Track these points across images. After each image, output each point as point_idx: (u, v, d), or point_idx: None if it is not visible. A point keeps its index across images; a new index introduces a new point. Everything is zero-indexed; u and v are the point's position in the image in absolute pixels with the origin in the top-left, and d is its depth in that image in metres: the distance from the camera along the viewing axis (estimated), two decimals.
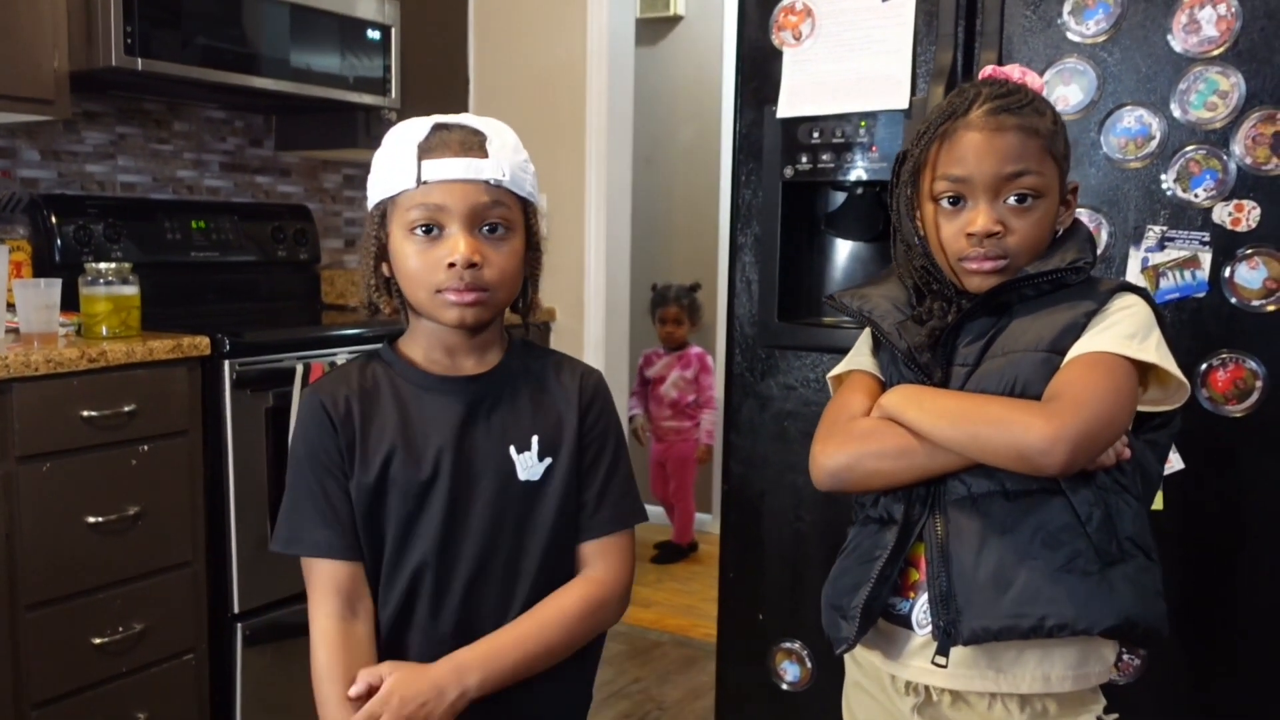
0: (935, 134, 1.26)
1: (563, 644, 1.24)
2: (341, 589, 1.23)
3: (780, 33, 2.04)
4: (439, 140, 1.19)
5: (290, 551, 1.24)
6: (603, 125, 3.24)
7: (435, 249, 1.18)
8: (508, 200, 1.21)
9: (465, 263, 1.16)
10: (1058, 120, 1.27)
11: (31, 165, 2.63)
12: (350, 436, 1.23)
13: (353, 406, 1.23)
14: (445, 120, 1.21)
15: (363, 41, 2.86)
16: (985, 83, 1.28)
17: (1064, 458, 1.13)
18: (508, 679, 1.20)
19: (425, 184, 1.17)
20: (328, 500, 1.22)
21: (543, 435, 1.25)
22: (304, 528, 1.23)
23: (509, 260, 1.21)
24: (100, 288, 2.24)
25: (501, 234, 1.20)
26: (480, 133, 1.21)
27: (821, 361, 2.03)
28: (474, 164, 1.18)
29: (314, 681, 1.21)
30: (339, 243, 3.40)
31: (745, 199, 2.11)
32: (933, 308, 1.30)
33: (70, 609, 2.10)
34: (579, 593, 1.26)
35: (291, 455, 1.27)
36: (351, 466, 1.22)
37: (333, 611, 1.22)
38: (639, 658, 3.21)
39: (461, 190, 1.17)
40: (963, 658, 1.24)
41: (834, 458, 1.27)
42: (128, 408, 2.15)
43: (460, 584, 1.23)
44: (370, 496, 1.22)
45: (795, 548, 2.08)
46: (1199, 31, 1.67)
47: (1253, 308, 1.66)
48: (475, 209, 1.18)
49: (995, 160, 1.22)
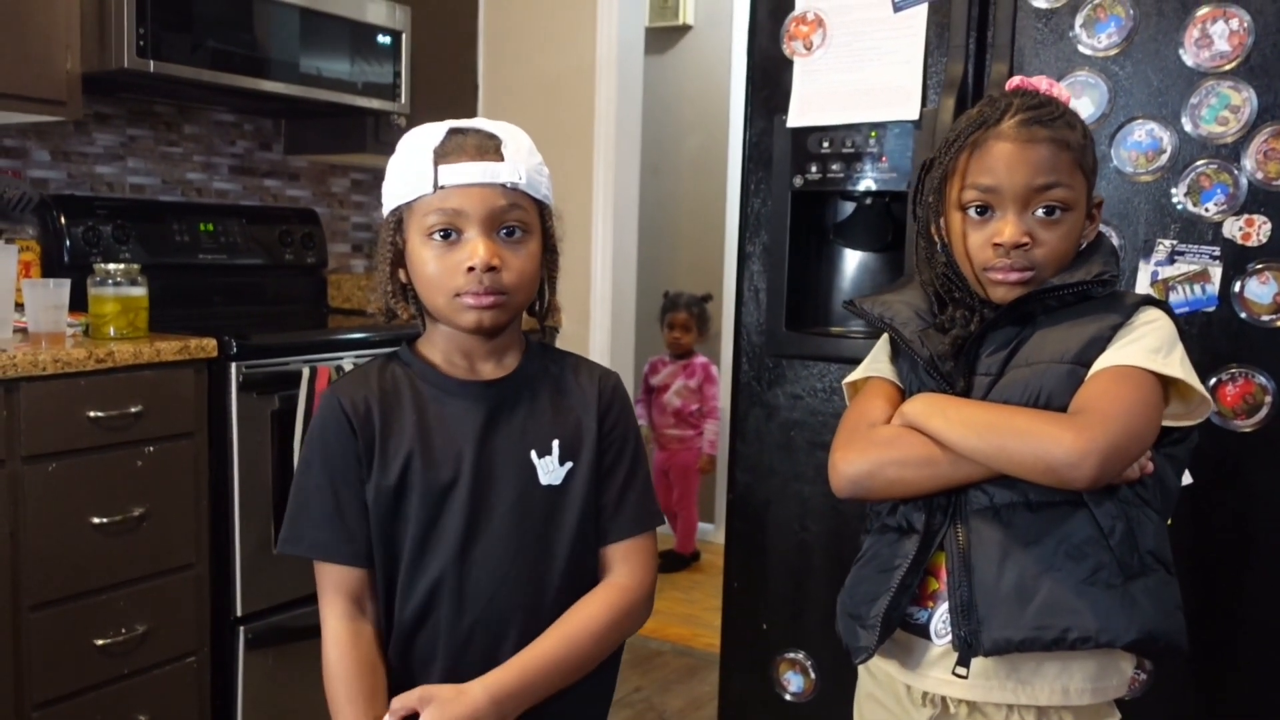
0: (966, 142, 1.25)
1: (594, 656, 1.24)
2: (348, 592, 1.23)
3: (791, 42, 2.04)
4: (455, 145, 1.19)
5: (290, 552, 1.24)
6: (611, 133, 3.24)
7: (454, 253, 1.18)
8: (524, 203, 1.21)
9: (484, 266, 1.16)
10: (1088, 134, 1.27)
11: (42, 166, 2.63)
12: (370, 439, 1.22)
13: (373, 408, 1.23)
14: (460, 125, 1.22)
15: (373, 46, 2.87)
16: (1017, 93, 1.27)
17: (1093, 471, 1.13)
18: (541, 698, 1.20)
19: (442, 189, 1.17)
20: (336, 503, 1.22)
21: (563, 439, 1.25)
22: (307, 529, 1.23)
23: (527, 263, 1.21)
24: (109, 288, 2.25)
25: (519, 237, 1.20)
26: (496, 136, 1.21)
27: (829, 371, 2.03)
28: (490, 168, 1.18)
29: (325, 679, 1.22)
30: (346, 247, 3.41)
31: (754, 208, 2.11)
32: (955, 316, 1.29)
33: (73, 609, 2.10)
34: (606, 601, 1.25)
35: (305, 454, 1.26)
36: (369, 470, 1.22)
37: (342, 613, 1.22)
38: (640, 666, 3.21)
39: (479, 194, 1.17)
40: (982, 669, 1.23)
41: (855, 465, 1.26)
42: (134, 409, 2.16)
43: (484, 586, 1.22)
44: (390, 499, 1.22)
45: (800, 558, 2.08)
46: (1211, 46, 1.67)
47: (1262, 323, 1.65)
48: (493, 212, 1.18)
49: (1026, 172, 1.22)
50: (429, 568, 1.22)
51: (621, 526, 1.28)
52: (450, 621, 1.22)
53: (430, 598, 1.22)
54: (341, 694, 1.20)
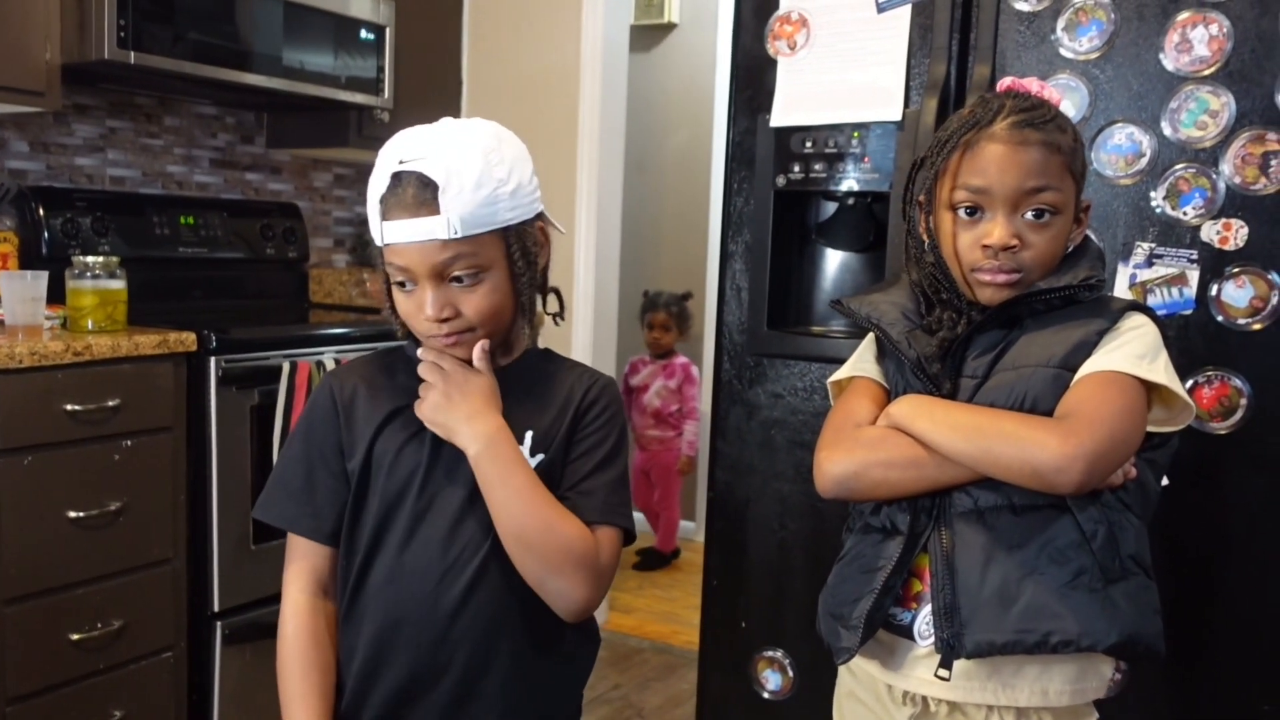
0: (958, 142, 1.25)
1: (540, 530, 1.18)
2: (313, 568, 1.28)
3: (775, 42, 2.04)
4: (395, 199, 1.17)
5: (260, 517, 1.30)
6: (595, 131, 3.24)
7: (413, 299, 1.20)
8: (469, 247, 1.17)
9: (435, 319, 1.19)
10: (1078, 138, 1.28)
11: (20, 157, 2.61)
12: (351, 423, 1.26)
13: (359, 393, 1.27)
14: (405, 163, 1.16)
15: (357, 41, 2.86)
16: (1009, 95, 1.27)
17: (1080, 476, 1.13)
18: (493, 494, 1.18)
19: (388, 245, 1.19)
20: (309, 480, 1.27)
21: (537, 430, 1.25)
22: (279, 498, 1.29)
23: (485, 300, 1.20)
24: (87, 281, 2.23)
25: (470, 282, 1.19)
26: (432, 183, 1.15)
27: (810, 370, 2.03)
28: (424, 224, 1.15)
29: (279, 648, 1.25)
30: (328, 242, 3.39)
31: (737, 207, 2.11)
32: (942, 318, 1.29)
33: (49, 604, 2.08)
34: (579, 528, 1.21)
35: (294, 428, 1.32)
36: (351, 452, 1.26)
37: (304, 586, 1.28)
38: (619, 664, 3.21)
39: (419, 251, 1.16)
40: (964, 670, 1.23)
41: (840, 465, 1.26)
42: (112, 402, 2.14)
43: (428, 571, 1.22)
44: (358, 483, 1.25)
45: (779, 556, 2.08)
46: (1191, 51, 1.68)
47: (1239, 326, 1.67)
48: (434, 267, 1.17)
49: (1017, 174, 1.22)
50: (385, 549, 1.24)
51: (589, 509, 1.23)
52: (394, 554, 1.23)
53: (376, 536, 1.24)
54: (295, 665, 1.24)
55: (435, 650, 1.22)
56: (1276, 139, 1.63)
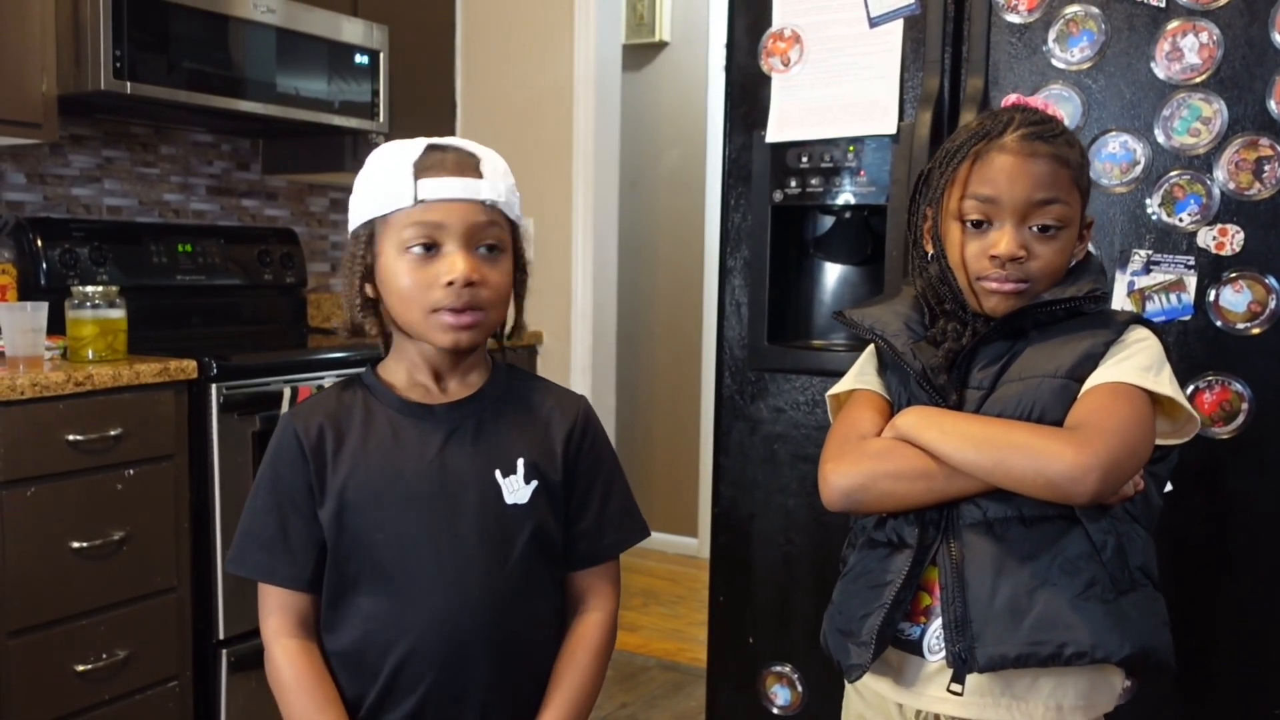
0: (967, 153, 1.26)
1: (593, 700, 1.28)
2: (293, 613, 1.23)
3: (769, 59, 2.05)
4: (435, 160, 1.19)
5: (234, 571, 1.26)
6: (589, 150, 3.25)
7: (432, 267, 1.17)
8: (501, 221, 1.21)
9: (464, 280, 1.16)
10: (1085, 154, 1.29)
11: (17, 189, 2.62)
12: (321, 465, 1.22)
13: (326, 434, 1.22)
14: (438, 141, 1.22)
15: (350, 66, 2.87)
16: (1018, 108, 1.28)
17: (1095, 486, 1.13)
18: None
19: (423, 202, 1.17)
20: (282, 528, 1.22)
21: (528, 459, 1.24)
22: (250, 550, 1.24)
23: (503, 280, 1.22)
24: (87, 311, 2.23)
25: (496, 254, 1.21)
26: (474, 155, 1.22)
27: (811, 384, 2.04)
28: (471, 184, 1.19)
29: (282, 696, 1.22)
30: (325, 266, 3.40)
31: (735, 222, 2.12)
32: (947, 329, 1.29)
33: (53, 635, 2.07)
34: (591, 647, 1.28)
35: (258, 476, 1.26)
36: (323, 497, 1.21)
37: (289, 632, 1.23)
38: (626, 682, 3.20)
39: (460, 209, 1.18)
40: (978, 685, 1.22)
41: (847, 477, 1.25)
42: (114, 431, 2.14)
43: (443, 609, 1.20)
44: (334, 524, 1.21)
45: (785, 571, 2.08)
46: (1182, 59, 1.70)
47: (1238, 330, 1.68)
48: (473, 228, 1.18)
49: (1026, 185, 1.23)
50: (378, 592, 1.21)
51: (597, 553, 1.29)
52: (397, 610, 1.20)
53: (378, 624, 1.21)
54: (308, 704, 1.20)
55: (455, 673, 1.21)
56: (1269, 144, 1.64)
